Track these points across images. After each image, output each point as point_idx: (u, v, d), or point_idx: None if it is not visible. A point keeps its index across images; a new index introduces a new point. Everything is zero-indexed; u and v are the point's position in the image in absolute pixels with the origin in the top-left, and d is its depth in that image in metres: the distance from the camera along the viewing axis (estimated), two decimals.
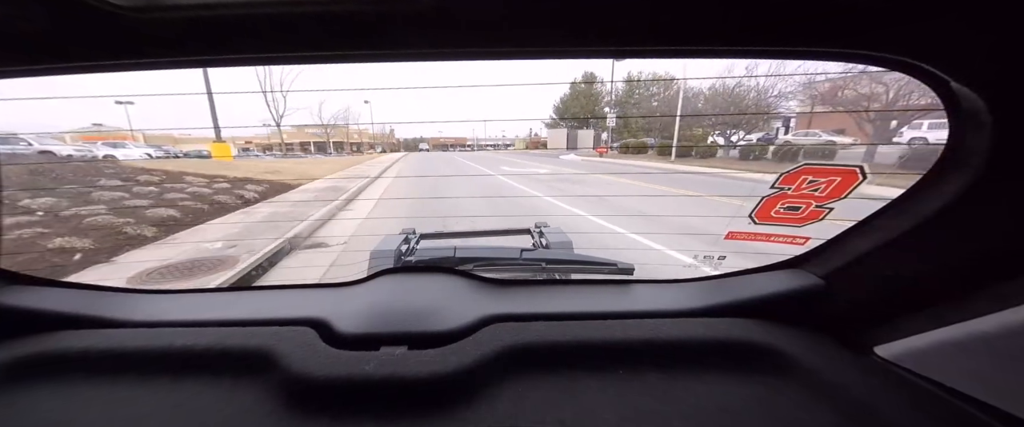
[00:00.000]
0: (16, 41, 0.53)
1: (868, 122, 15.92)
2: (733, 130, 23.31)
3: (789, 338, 0.77)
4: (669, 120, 24.92)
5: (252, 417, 0.64)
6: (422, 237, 1.80)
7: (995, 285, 0.59)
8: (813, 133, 21.19)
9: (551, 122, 45.44)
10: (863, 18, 0.49)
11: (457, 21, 0.51)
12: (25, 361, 0.74)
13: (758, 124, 24.35)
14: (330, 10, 0.49)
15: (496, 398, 0.67)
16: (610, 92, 39.59)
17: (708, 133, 23.67)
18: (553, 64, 20.99)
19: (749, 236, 0.98)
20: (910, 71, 0.55)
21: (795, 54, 0.57)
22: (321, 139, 46.83)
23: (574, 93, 43.87)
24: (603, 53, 0.60)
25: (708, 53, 0.58)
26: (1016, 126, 0.51)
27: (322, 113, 41.87)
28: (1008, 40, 0.46)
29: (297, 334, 0.77)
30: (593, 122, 39.05)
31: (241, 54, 0.57)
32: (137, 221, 5.25)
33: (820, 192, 0.84)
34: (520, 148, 45.85)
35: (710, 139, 22.52)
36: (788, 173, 0.86)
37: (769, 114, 23.02)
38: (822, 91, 17.61)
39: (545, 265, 1.18)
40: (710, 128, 24.10)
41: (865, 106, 14.46)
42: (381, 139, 53.59)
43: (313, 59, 0.59)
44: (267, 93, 29.19)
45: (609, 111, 38.62)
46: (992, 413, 0.58)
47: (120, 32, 0.51)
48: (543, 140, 47.63)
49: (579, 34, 0.54)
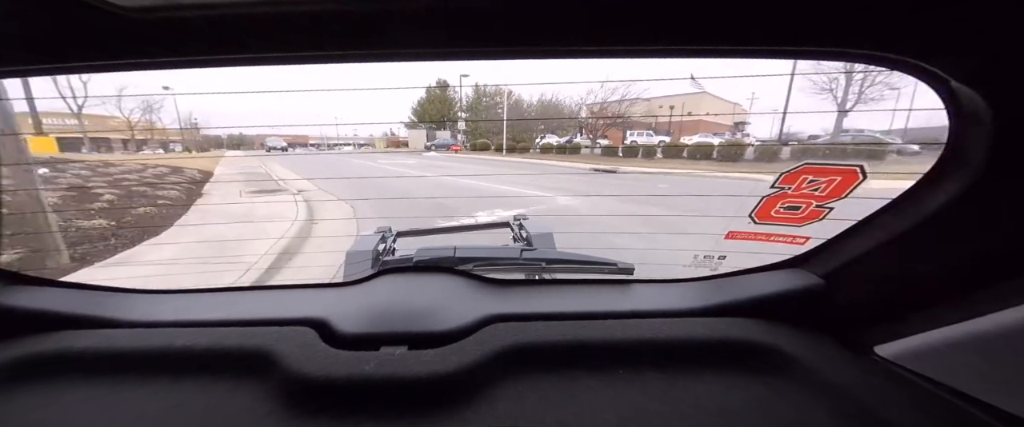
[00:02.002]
0: (16, 41, 0.53)
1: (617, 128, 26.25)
2: (551, 133, 31.60)
3: (789, 338, 0.77)
4: (512, 123, 33.95)
5: (252, 417, 0.64)
6: (399, 235, 1.78)
7: (995, 285, 0.59)
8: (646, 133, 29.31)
9: (411, 123, 46.25)
10: (863, 18, 0.49)
11: (455, 21, 0.51)
12: (25, 361, 0.74)
13: (567, 129, 33.78)
14: (329, 10, 0.49)
15: (496, 398, 0.67)
16: (461, 98, 43.87)
17: (535, 135, 32.34)
18: (408, 67, 22.04)
19: (749, 236, 0.98)
20: (910, 71, 0.55)
21: (795, 54, 0.57)
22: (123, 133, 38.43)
23: (430, 97, 45.85)
24: (603, 53, 0.60)
25: (708, 53, 0.58)
26: (1016, 126, 0.51)
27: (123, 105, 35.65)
28: (1008, 40, 0.46)
29: (297, 334, 0.77)
30: (450, 124, 43.52)
31: (241, 54, 0.57)
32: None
33: (820, 192, 0.84)
34: (382, 148, 44.88)
35: (537, 140, 30.61)
36: (788, 173, 0.86)
37: (572, 119, 33.68)
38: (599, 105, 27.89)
39: (545, 265, 1.18)
40: (538, 132, 33.03)
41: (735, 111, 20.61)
42: (182, 136, 42.95)
43: (313, 59, 0.59)
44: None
45: (462, 114, 42.72)
46: (992, 413, 0.58)
47: (119, 32, 0.51)
48: (403, 139, 47.26)
49: (578, 34, 0.54)
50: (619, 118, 26.94)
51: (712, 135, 25.93)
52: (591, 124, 28.99)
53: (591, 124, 28.99)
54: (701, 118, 34.39)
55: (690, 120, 34.29)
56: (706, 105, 36.07)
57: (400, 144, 46.08)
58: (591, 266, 1.14)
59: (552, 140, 27.53)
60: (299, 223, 5.17)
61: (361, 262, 1.40)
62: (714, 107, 36.93)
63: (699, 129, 31.78)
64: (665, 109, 35.25)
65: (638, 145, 21.17)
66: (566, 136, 30.27)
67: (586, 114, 30.64)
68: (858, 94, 24.36)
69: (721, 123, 36.09)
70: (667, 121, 34.54)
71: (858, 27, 0.50)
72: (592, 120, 28.43)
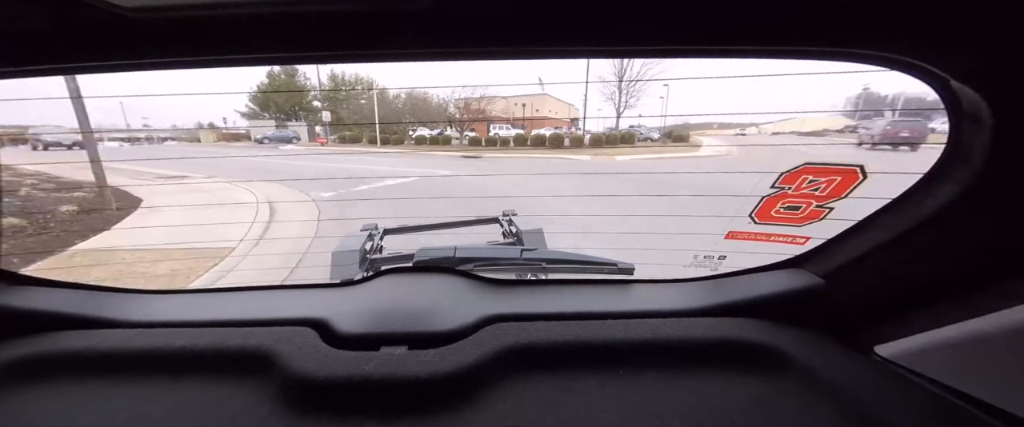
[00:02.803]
0: (16, 41, 0.53)
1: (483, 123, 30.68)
2: (421, 126, 32.35)
3: (789, 338, 0.77)
4: (381, 116, 33.40)
5: (252, 417, 0.64)
6: (386, 232, 1.77)
7: (995, 284, 0.59)
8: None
9: (250, 112, 40.37)
10: (863, 18, 0.49)
11: (456, 21, 0.51)
12: (25, 361, 0.74)
13: (437, 123, 34.83)
14: (329, 10, 0.49)
15: (496, 398, 0.67)
16: (315, 87, 39.90)
17: (407, 127, 32.79)
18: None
19: (749, 236, 0.98)
20: (910, 70, 0.55)
21: (795, 54, 0.57)
22: None
23: (274, 84, 39.89)
24: (603, 53, 0.60)
25: (708, 53, 0.58)
26: (1016, 125, 0.51)
27: None
28: (1008, 39, 0.46)
29: (297, 334, 0.77)
30: (306, 115, 40.13)
31: (241, 54, 0.57)
32: None
33: (820, 192, 0.84)
34: (211, 142, 34.60)
35: (411, 132, 31.25)
36: (788, 173, 0.86)
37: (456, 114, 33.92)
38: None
39: (545, 265, 1.18)
40: (408, 125, 33.37)
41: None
42: None
43: (313, 59, 0.59)
44: None
45: (321, 106, 39.79)
46: (992, 412, 0.58)
47: (120, 32, 0.51)
48: (242, 132, 38.28)
49: (578, 34, 0.54)
50: (481, 113, 30.22)
51: (554, 129, 29.11)
52: (459, 118, 31.23)
53: (459, 118, 31.23)
54: (546, 116, 39.58)
55: (539, 116, 38.83)
56: (549, 104, 41.75)
57: (233, 138, 36.70)
58: (591, 266, 1.14)
59: (425, 132, 28.42)
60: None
61: (348, 262, 1.39)
62: (554, 106, 43.32)
63: (545, 124, 35.52)
64: (519, 106, 39.06)
65: (499, 136, 25.16)
66: (437, 129, 30.72)
67: (453, 109, 32.09)
68: (626, 102, 36.40)
69: (561, 119, 41.72)
70: (521, 118, 38.06)
71: (858, 27, 0.50)
72: (459, 115, 30.93)
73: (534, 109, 39.20)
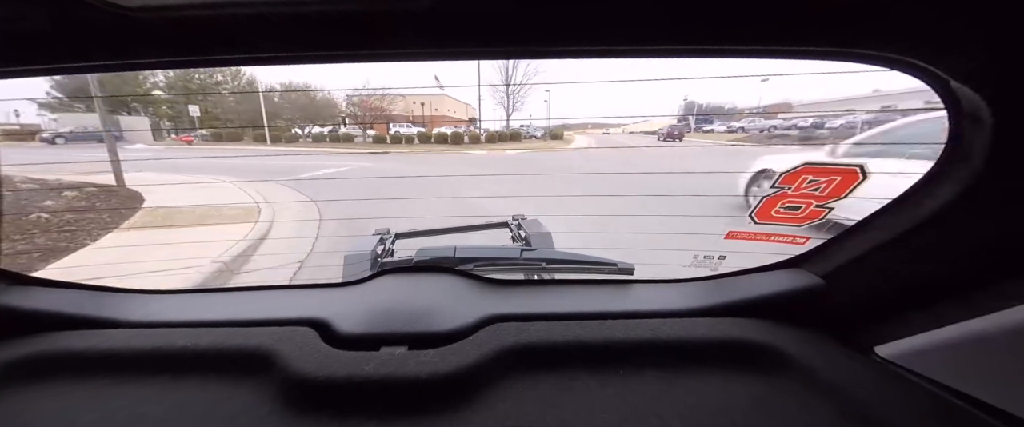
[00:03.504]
0: (16, 41, 0.53)
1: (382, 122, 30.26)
2: (310, 123, 31.34)
3: (789, 338, 0.77)
4: (258, 110, 29.17)
5: (252, 417, 0.64)
6: (398, 236, 1.78)
7: (995, 284, 0.59)
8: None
9: (56, 103, 30.40)
10: (863, 18, 0.49)
11: (456, 21, 0.51)
12: (25, 361, 0.74)
13: (327, 120, 34.35)
14: (329, 10, 0.49)
15: (496, 398, 0.67)
16: (154, 73, 30.85)
17: (291, 124, 31.39)
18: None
19: (749, 236, 0.98)
20: (910, 70, 0.55)
21: (795, 54, 0.57)
22: None
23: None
24: (603, 53, 0.60)
25: (708, 53, 0.58)
26: (1016, 125, 0.51)
27: None
28: (1008, 39, 0.46)
29: (297, 334, 0.77)
30: (147, 108, 33.92)
31: (241, 54, 0.57)
32: None
33: (820, 192, 0.84)
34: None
35: (307, 129, 30.29)
36: (788, 172, 0.86)
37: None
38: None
39: (545, 265, 1.18)
40: (293, 122, 31.79)
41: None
42: None
43: (313, 59, 0.59)
44: None
45: (161, 92, 32.03)
46: (992, 413, 0.58)
47: (120, 32, 0.51)
48: (38, 128, 27.63)
49: (579, 34, 0.54)
50: (381, 111, 30.00)
51: (454, 127, 30.08)
52: (358, 115, 30.80)
53: (358, 115, 30.80)
54: (445, 115, 41.37)
55: (439, 115, 40.29)
56: (447, 104, 42.91)
57: (22, 135, 25.69)
58: (591, 266, 1.14)
59: (319, 130, 28.15)
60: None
61: (360, 265, 1.40)
62: (453, 106, 44.80)
63: (445, 123, 37.01)
64: (418, 105, 39.62)
65: (402, 135, 26.23)
66: (329, 127, 29.82)
67: (348, 107, 31.81)
68: (513, 105, 38.85)
69: (460, 118, 43.38)
70: (422, 116, 38.99)
71: (858, 27, 0.50)
72: (355, 112, 30.64)
73: (433, 108, 40.22)
